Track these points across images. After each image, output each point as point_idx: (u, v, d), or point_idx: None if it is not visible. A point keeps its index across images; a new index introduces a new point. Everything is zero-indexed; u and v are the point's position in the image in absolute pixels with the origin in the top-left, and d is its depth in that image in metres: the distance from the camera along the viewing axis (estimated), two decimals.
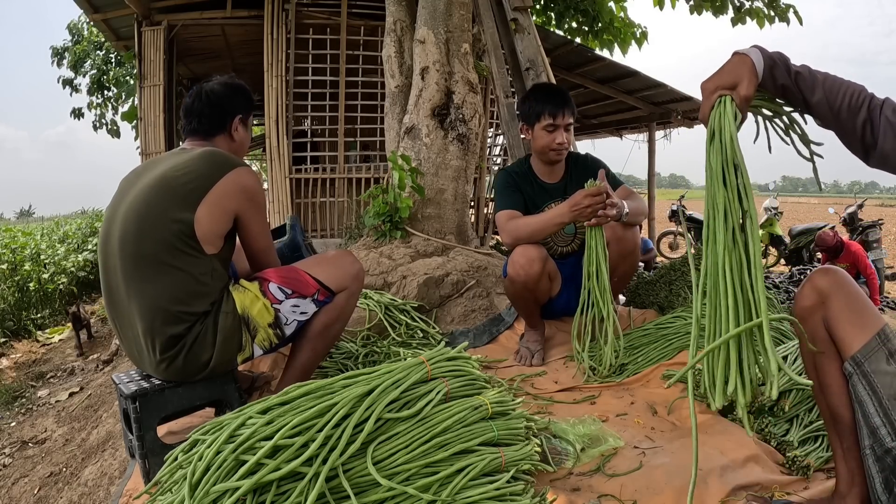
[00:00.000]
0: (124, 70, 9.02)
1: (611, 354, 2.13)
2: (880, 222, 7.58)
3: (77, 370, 4.09)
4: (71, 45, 9.98)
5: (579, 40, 7.12)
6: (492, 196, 5.59)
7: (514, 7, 3.73)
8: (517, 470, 1.37)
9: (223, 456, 1.12)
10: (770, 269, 8.69)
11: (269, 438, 1.13)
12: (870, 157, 1.14)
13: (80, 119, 10.33)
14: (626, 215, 2.11)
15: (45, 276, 6.39)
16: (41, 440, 2.71)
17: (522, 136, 2.47)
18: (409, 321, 2.67)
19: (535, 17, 6.99)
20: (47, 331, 5.44)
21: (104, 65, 9.49)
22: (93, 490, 1.93)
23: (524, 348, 2.43)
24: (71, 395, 3.34)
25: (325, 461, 1.15)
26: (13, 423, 3.11)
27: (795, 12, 5.65)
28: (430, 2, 3.57)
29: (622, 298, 3.11)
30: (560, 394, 2.06)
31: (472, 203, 5.83)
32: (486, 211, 6.34)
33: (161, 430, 1.67)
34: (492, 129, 6.46)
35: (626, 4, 7.13)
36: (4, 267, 6.32)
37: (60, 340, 5.10)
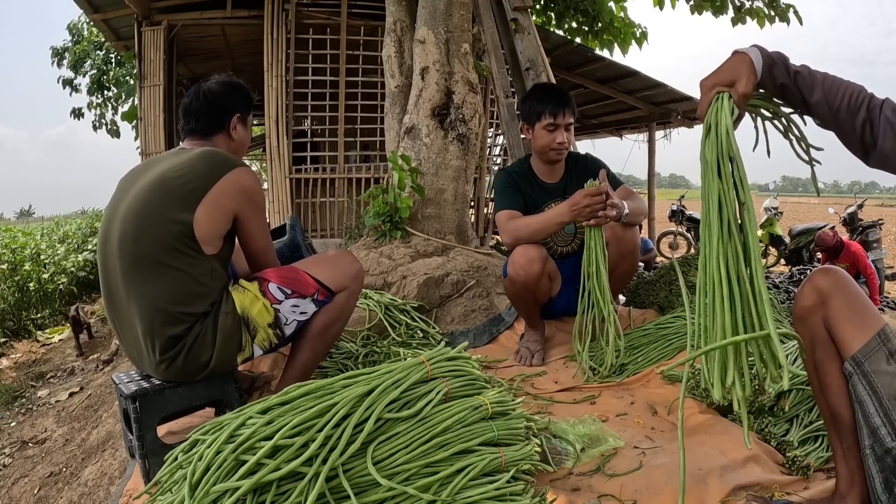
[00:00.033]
0: (124, 70, 9.02)
1: (612, 354, 2.13)
2: (880, 222, 7.58)
3: (77, 370, 4.09)
4: (71, 45, 9.98)
5: (579, 40, 7.12)
6: (492, 196, 5.59)
7: (514, 7, 3.73)
8: (517, 470, 1.37)
9: (223, 456, 1.12)
10: (770, 269, 8.69)
11: (269, 438, 1.13)
12: (869, 157, 1.14)
13: (80, 119, 10.34)
14: (625, 215, 2.11)
15: (45, 276, 6.39)
16: (41, 440, 2.71)
17: (523, 136, 2.47)
18: (409, 321, 2.67)
19: (535, 17, 6.99)
20: (47, 331, 5.44)
21: (104, 65, 9.49)
22: (93, 490, 1.93)
23: (524, 348, 2.43)
24: (71, 395, 3.34)
25: (325, 461, 1.15)
26: (13, 423, 3.11)
27: (795, 12, 5.65)
28: (430, 2, 3.57)
29: (622, 298, 3.11)
30: (560, 394, 2.06)
31: (472, 203, 5.83)
32: (486, 211, 6.34)
33: (161, 430, 1.67)
34: (492, 129, 6.46)
35: (626, 4, 7.14)
36: (4, 267, 6.32)
37: (60, 340, 5.10)
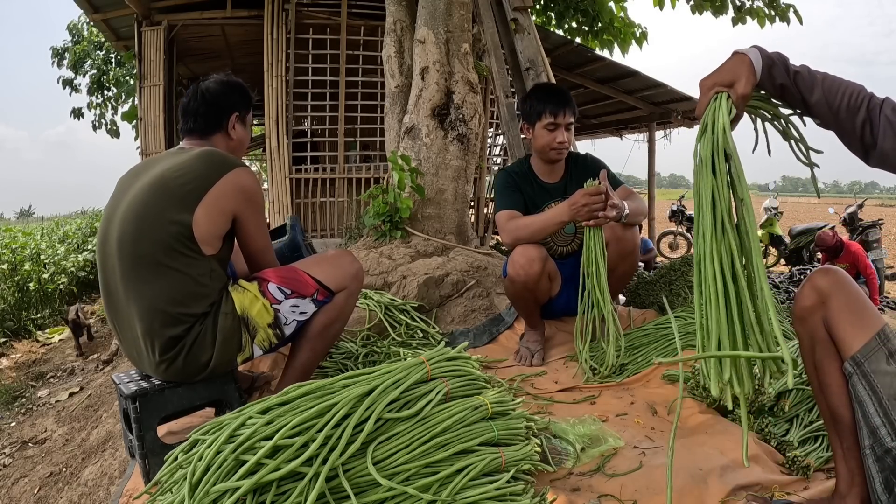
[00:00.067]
0: (124, 70, 9.02)
1: (612, 354, 2.13)
2: (880, 222, 7.59)
3: (77, 370, 4.09)
4: (71, 45, 9.98)
5: (579, 40, 7.12)
6: (492, 196, 5.59)
7: (514, 7, 3.73)
8: (517, 470, 1.37)
9: (223, 456, 1.12)
10: (770, 269, 8.70)
11: (269, 438, 1.13)
12: (869, 157, 1.14)
13: (80, 119, 10.35)
14: (625, 216, 2.11)
15: (45, 276, 6.39)
16: (41, 440, 2.71)
17: (523, 135, 2.47)
18: (409, 321, 2.67)
19: (535, 17, 6.98)
20: (47, 331, 5.43)
21: (104, 65, 9.49)
22: (93, 490, 1.93)
23: (524, 348, 2.43)
24: (71, 395, 3.34)
25: (325, 461, 1.15)
26: (13, 423, 3.11)
27: (796, 12, 5.65)
28: (430, 2, 3.57)
29: (622, 298, 3.11)
30: (560, 394, 2.06)
31: (472, 203, 5.83)
32: (486, 211, 6.34)
33: (161, 430, 1.67)
34: (492, 129, 6.46)
35: (626, 4, 7.13)
36: (4, 267, 6.33)
37: (60, 340, 5.10)
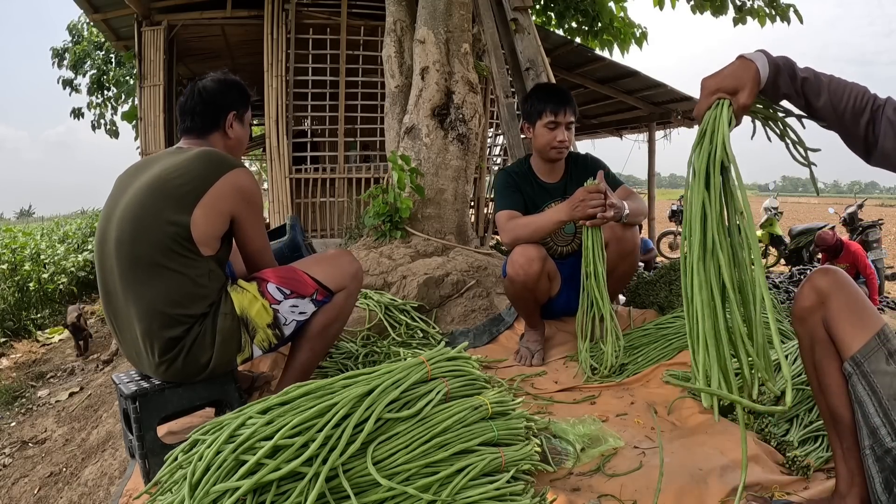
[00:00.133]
0: (124, 70, 9.02)
1: (611, 355, 2.13)
2: (880, 222, 7.59)
3: (77, 370, 4.09)
4: (71, 45, 9.97)
5: (579, 40, 7.12)
6: (492, 196, 5.59)
7: (514, 7, 3.73)
8: (517, 470, 1.37)
9: (223, 456, 1.12)
10: (770, 269, 8.71)
11: (269, 438, 1.13)
12: (871, 157, 1.15)
13: (80, 119, 10.34)
14: (625, 216, 2.11)
15: (45, 276, 6.40)
16: (41, 440, 2.71)
17: (523, 135, 2.47)
18: (409, 321, 2.67)
19: (535, 17, 6.98)
20: (47, 331, 5.43)
21: (104, 65, 9.49)
22: (93, 490, 1.93)
23: (524, 348, 2.43)
24: (71, 395, 3.34)
25: (325, 461, 1.15)
26: (13, 423, 3.11)
27: (796, 11, 5.64)
28: (430, 2, 3.57)
29: (622, 298, 3.11)
30: (560, 394, 2.06)
31: (472, 203, 5.84)
32: (486, 211, 6.34)
33: (161, 430, 1.67)
34: (492, 129, 6.46)
35: (626, 4, 7.12)
36: (4, 267, 6.33)
37: (60, 340, 5.09)
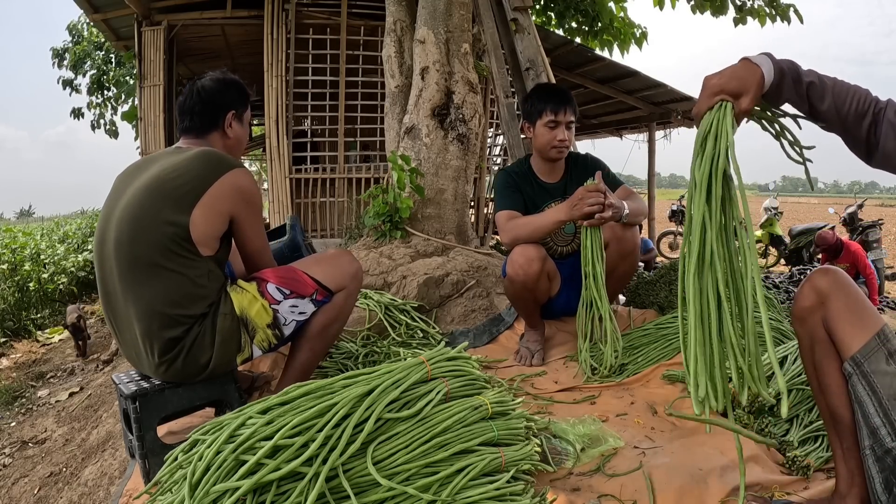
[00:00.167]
0: (124, 70, 9.02)
1: (610, 355, 2.13)
2: (880, 222, 7.59)
3: (77, 370, 4.09)
4: (71, 45, 9.97)
5: (579, 40, 7.12)
6: (492, 196, 5.60)
7: (514, 7, 3.73)
8: (517, 470, 1.37)
9: (223, 456, 1.12)
10: (770, 269, 8.71)
11: (269, 438, 1.13)
12: (872, 158, 1.15)
13: (79, 119, 10.34)
14: (625, 216, 2.11)
15: (45, 276, 6.40)
16: (41, 440, 2.71)
17: (523, 135, 2.47)
18: (409, 321, 2.67)
19: (535, 17, 6.99)
20: (47, 331, 5.43)
21: (104, 65, 9.49)
22: (93, 490, 1.93)
23: (524, 348, 2.43)
24: (71, 395, 3.34)
25: (325, 461, 1.15)
26: (13, 423, 3.11)
27: (796, 11, 5.64)
28: (430, 2, 3.57)
29: (622, 298, 3.11)
30: (560, 394, 2.06)
31: (472, 203, 5.84)
32: (486, 211, 6.34)
33: (161, 430, 1.67)
34: (492, 129, 6.46)
35: (626, 4, 7.12)
36: (4, 267, 6.33)
37: (60, 340, 5.10)
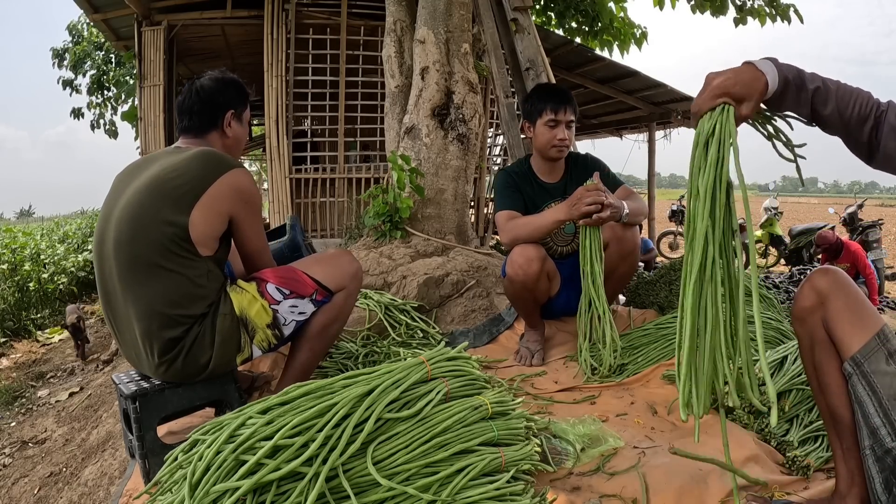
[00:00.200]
0: (124, 70, 9.02)
1: (609, 355, 2.13)
2: (880, 222, 7.59)
3: (77, 370, 4.09)
4: (71, 45, 9.98)
5: (579, 40, 7.12)
6: (492, 196, 5.60)
7: (514, 7, 3.73)
8: (517, 470, 1.37)
9: (223, 456, 1.12)
10: (770, 269, 8.72)
11: (269, 438, 1.13)
12: (873, 160, 1.16)
13: (79, 119, 10.34)
14: (625, 215, 2.11)
15: (45, 276, 6.40)
16: (41, 440, 2.71)
17: (523, 135, 2.47)
18: (409, 321, 2.67)
19: (535, 17, 6.99)
20: (47, 331, 5.43)
21: (104, 65, 9.49)
22: (93, 490, 1.93)
23: (524, 348, 2.43)
24: (71, 395, 3.34)
25: (325, 461, 1.15)
26: (13, 423, 3.11)
27: (796, 11, 5.65)
28: (430, 2, 3.57)
29: (622, 298, 3.11)
30: (560, 394, 2.06)
31: (472, 203, 5.84)
32: (486, 211, 6.35)
33: (161, 430, 1.67)
34: (492, 129, 6.46)
35: (626, 5, 7.12)
36: (4, 267, 6.33)
37: (60, 340, 5.10)
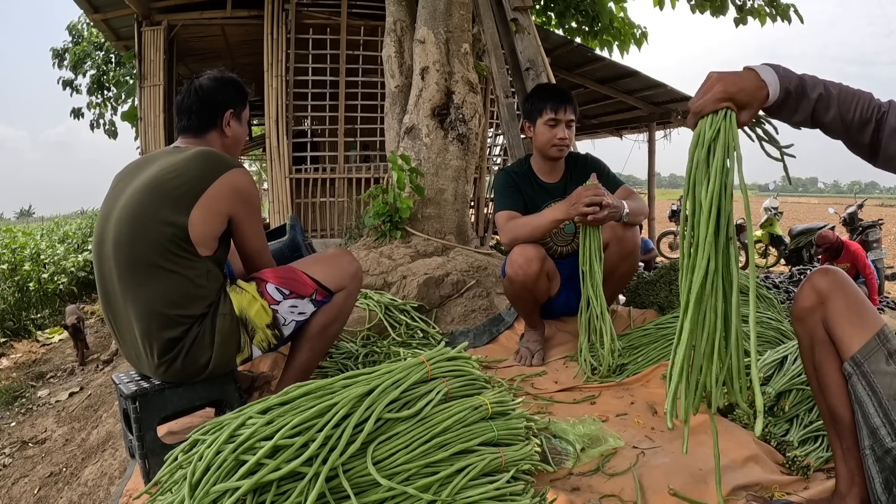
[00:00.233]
0: (124, 70, 9.02)
1: (608, 354, 2.13)
2: (880, 222, 7.59)
3: (77, 370, 4.09)
4: (71, 45, 9.98)
5: (579, 40, 7.12)
6: (492, 196, 5.59)
7: (514, 7, 3.73)
8: (517, 470, 1.37)
9: (223, 456, 1.12)
10: (770, 269, 8.72)
11: (269, 438, 1.13)
12: (875, 160, 1.16)
13: (79, 119, 10.35)
14: (626, 215, 2.11)
15: (45, 276, 6.40)
16: (41, 440, 2.71)
17: (524, 135, 2.47)
18: (409, 321, 2.67)
19: (535, 17, 6.98)
20: (47, 331, 5.44)
21: (104, 65, 9.49)
22: (93, 490, 1.93)
23: (524, 348, 2.43)
24: (71, 395, 3.34)
25: (325, 461, 1.15)
26: (13, 423, 3.11)
27: (796, 11, 5.65)
28: (430, 2, 3.57)
29: (622, 298, 3.11)
30: (560, 394, 2.06)
31: (472, 203, 5.84)
32: (486, 211, 6.35)
33: (161, 430, 1.67)
34: (492, 129, 6.46)
35: (626, 5, 7.12)
36: (4, 267, 6.34)
37: (60, 340, 5.10)
